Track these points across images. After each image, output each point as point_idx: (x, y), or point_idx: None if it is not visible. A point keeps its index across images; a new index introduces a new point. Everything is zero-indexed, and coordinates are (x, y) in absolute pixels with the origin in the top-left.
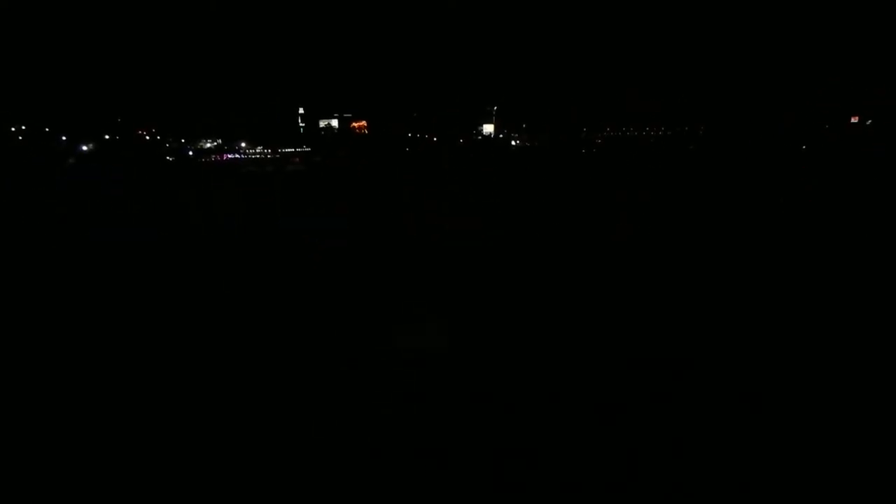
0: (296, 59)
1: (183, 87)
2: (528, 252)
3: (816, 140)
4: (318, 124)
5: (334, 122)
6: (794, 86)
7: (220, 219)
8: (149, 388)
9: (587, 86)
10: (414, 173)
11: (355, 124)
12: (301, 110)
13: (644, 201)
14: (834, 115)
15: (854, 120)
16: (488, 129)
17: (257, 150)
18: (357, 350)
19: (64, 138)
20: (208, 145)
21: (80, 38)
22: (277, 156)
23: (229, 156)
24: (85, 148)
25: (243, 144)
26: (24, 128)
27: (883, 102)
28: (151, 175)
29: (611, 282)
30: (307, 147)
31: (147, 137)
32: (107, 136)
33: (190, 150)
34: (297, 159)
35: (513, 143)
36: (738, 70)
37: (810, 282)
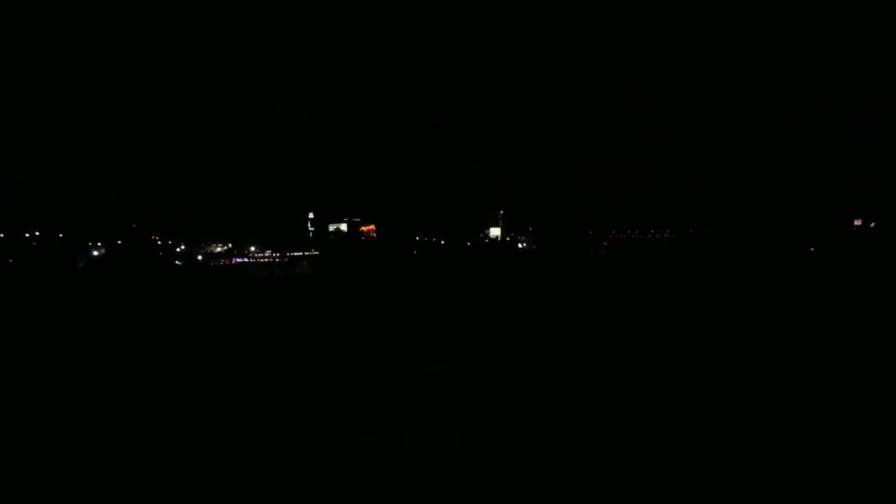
0: (307, 163)
1: (194, 191)
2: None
3: (822, 242)
4: (327, 228)
5: (343, 227)
6: (799, 190)
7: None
8: None
9: (593, 190)
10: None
11: (364, 228)
12: (311, 215)
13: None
14: (838, 217)
15: (857, 223)
16: (495, 231)
17: (266, 254)
18: None
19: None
20: (218, 249)
21: (96, 139)
22: (286, 259)
23: (238, 259)
24: (96, 253)
25: (252, 248)
26: (37, 234)
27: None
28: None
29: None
30: (315, 251)
31: (159, 242)
32: (119, 241)
33: (201, 253)
34: (306, 263)
35: (519, 245)
36: (741, 172)
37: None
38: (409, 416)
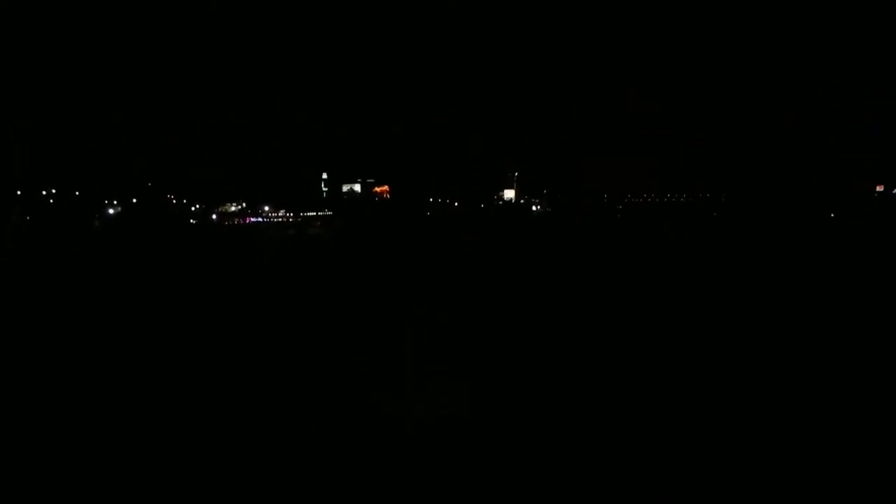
0: (321, 123)
1: (210, 151)
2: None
3: (843, 208)
4: (340, 189)
5: (357, 187)
6: (820, 152)
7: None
8: None
9: (609, 153)
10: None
11: (377, 189)
12: (325, 175)
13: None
14: (861, 183)
15: (879, 189)
16: (509, 194)
17: (280, 214)
18: None
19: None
20: (233, 209)
21: (114, 102)
22: (299, 219)
23: (252, 219)
24: (112, 212)
25: (266, 208)
26: (53, 191)
27: None
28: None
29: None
30: (329, 211)
31: (174, 201)
32: (135, 200)
33: (215, 213)
34: (319, 223)
35: (534, 208)
36: (763, 134)
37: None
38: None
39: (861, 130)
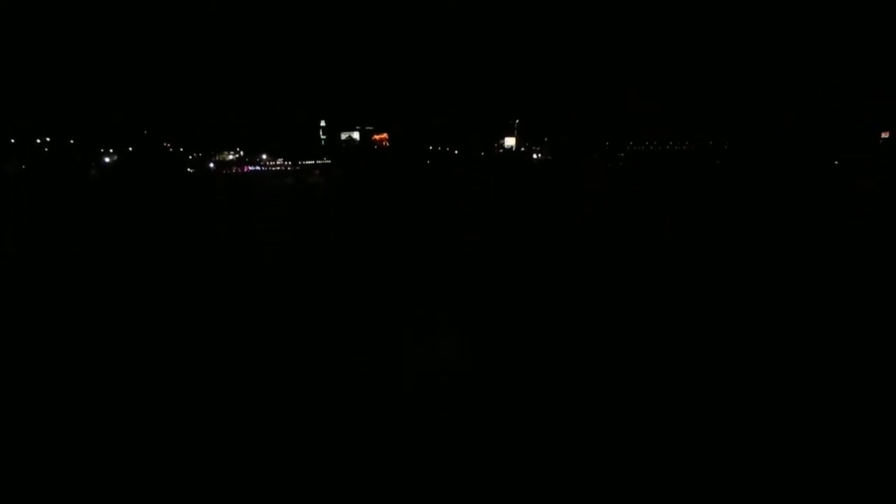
0: (318, 71)
1: (207, 100)
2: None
3: (848, 156)
4: (339, 136)
5: (355, 135)
6: (825, 100)
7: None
8: None
9: (610, 100)
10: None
11: (376, 137)
12: (322, 122)
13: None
14: (866, 130)
15: (885, 136)
16: (510, 142)
17: (278, 162)
18: None
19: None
20: (230, 157)
21: (109, 50)
22: (298, 168)
23: (250, 168)
24: (108, 160)
25: (264, 156)
26: (48, 139)
27: None
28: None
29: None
30: (327, 159)
31: (171, 150)
32: (131, 148)
33: (212, 162)
34: (318, 171)
35: (534, 156)
36: (765, 84)
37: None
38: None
39: (866, 78)
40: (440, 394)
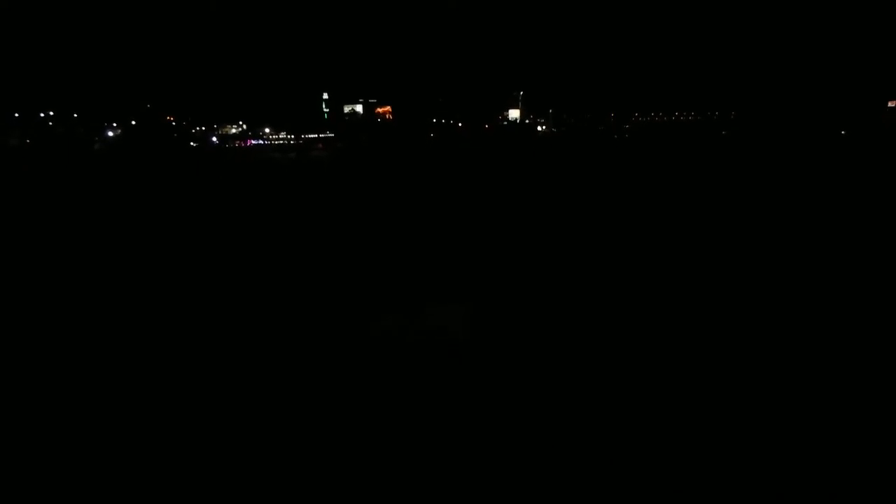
0: (321, 43)
1: (209, 72)
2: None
3: (854, 126)
4: (342, 110)
5: (358, 108)
6: (830, 70)
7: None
8: None
9: (614, 71)
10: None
11: (380, 110)
12: (325, 95)
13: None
14: (871, 100)
15: (892, 104)
16: (514, 114)
17: (281, 136)
18: None
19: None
20: (233, 131)
21: (111, 24)
22: (300, 142)
23: (253, 141)
24: (111, 133)
25: (267, 130)
26: (52, 113)
27: None
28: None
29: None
30: (330, 133)
31: (174, 123)
32: (133, 122)
33: (215, 136)
34: (321, 145)
35: (539, 128)
36: (771, 51)
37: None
38: None
39: (874, 46)
40: (438, 382)
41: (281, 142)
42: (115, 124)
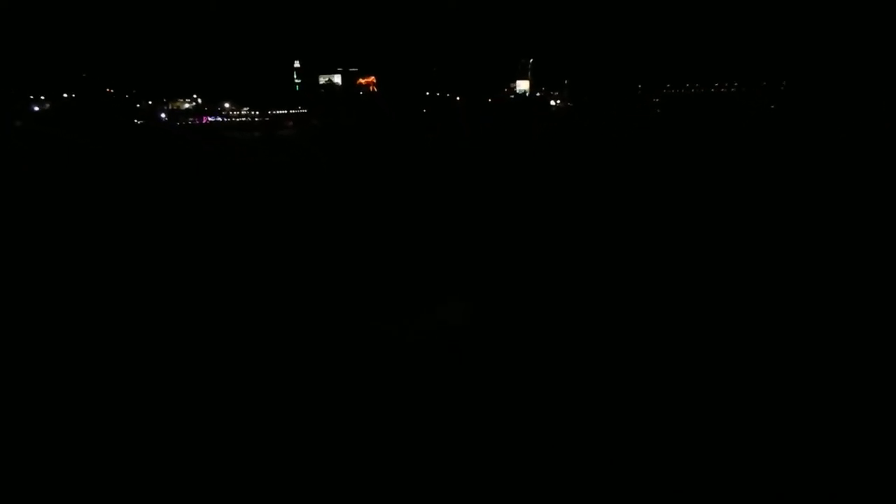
0: (291, 1)
1: (158, 37)
2: None
3: None
4: (317, 81)
5: (336, 79)
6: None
7: None
8: None
9: (641, 33)
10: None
11: (362, 80)
12: (297, 64)
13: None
14: None
15: None
16: (523, 86)
17: (243, 112)
18: None
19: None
20: (186, 106)
21: None
22: (267, 118)
23: (209, 118)
24: (37, 108)
25: (227, 105)
26: None
27: None
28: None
29: None
30: (303, 108)
31: (115, 96)
32: (65, 95)
33: (164, 112)
34: (291, 123)
35: (553, 102)
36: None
37: None
38: None
39: None
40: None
41: (243, 118)
42: (42, 97)
